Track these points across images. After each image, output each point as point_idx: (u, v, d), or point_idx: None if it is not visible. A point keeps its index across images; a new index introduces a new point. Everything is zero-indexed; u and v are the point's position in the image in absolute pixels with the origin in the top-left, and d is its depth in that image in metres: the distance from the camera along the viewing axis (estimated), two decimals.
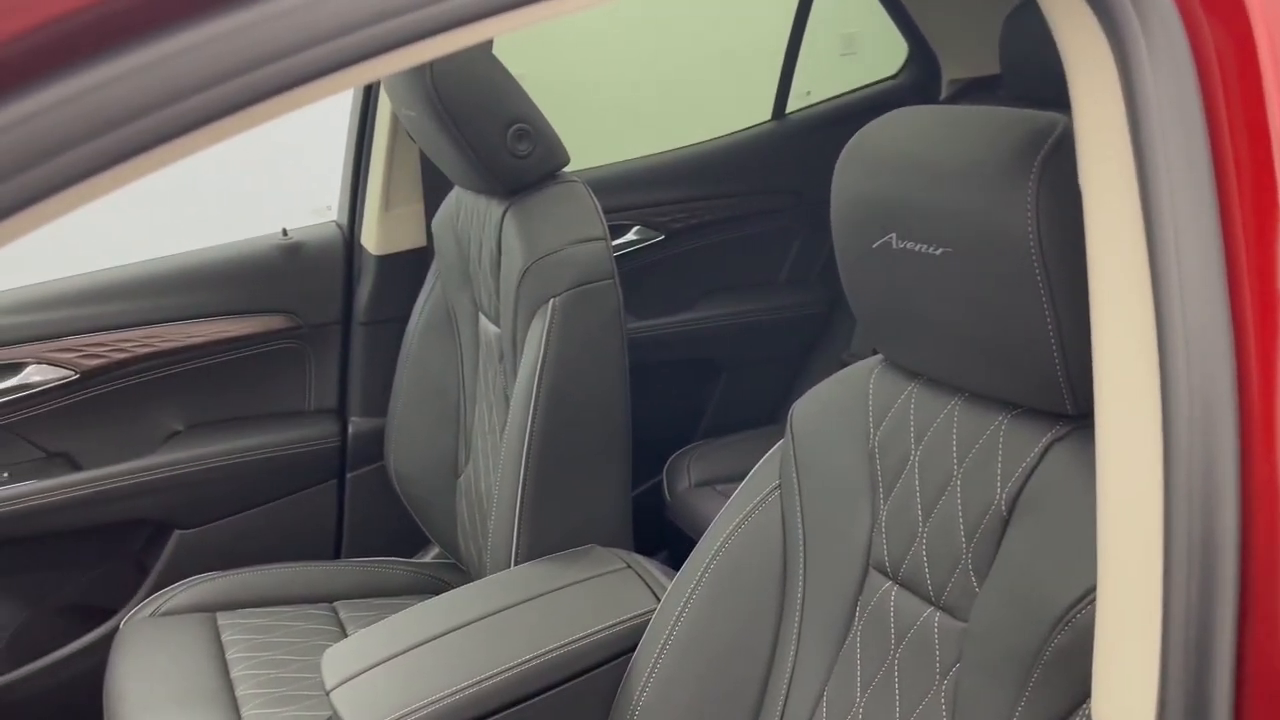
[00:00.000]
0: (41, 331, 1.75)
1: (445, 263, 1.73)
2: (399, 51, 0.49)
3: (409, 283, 1.85)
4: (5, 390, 1.75)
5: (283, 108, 0.48)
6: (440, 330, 1.77)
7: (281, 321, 1.91)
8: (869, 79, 2.40)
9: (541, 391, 1.40)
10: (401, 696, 1.17)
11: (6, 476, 1.77)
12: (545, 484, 1.42)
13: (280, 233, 1.92)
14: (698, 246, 2.24)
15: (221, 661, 1.59)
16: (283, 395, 1.96)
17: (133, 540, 1.89)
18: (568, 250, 1.43)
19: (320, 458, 1.97)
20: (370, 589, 1.81)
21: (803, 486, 1.10)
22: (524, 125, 1.44)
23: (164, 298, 1.83)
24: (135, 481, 1.83)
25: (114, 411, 1.84)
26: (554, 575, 1.37)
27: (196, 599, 1.70)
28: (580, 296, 1.42)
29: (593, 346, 1.43)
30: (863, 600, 1.04)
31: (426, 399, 1.78)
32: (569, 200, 1.48)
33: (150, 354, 1.82)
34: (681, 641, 1.15)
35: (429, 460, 1.79)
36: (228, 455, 1.89)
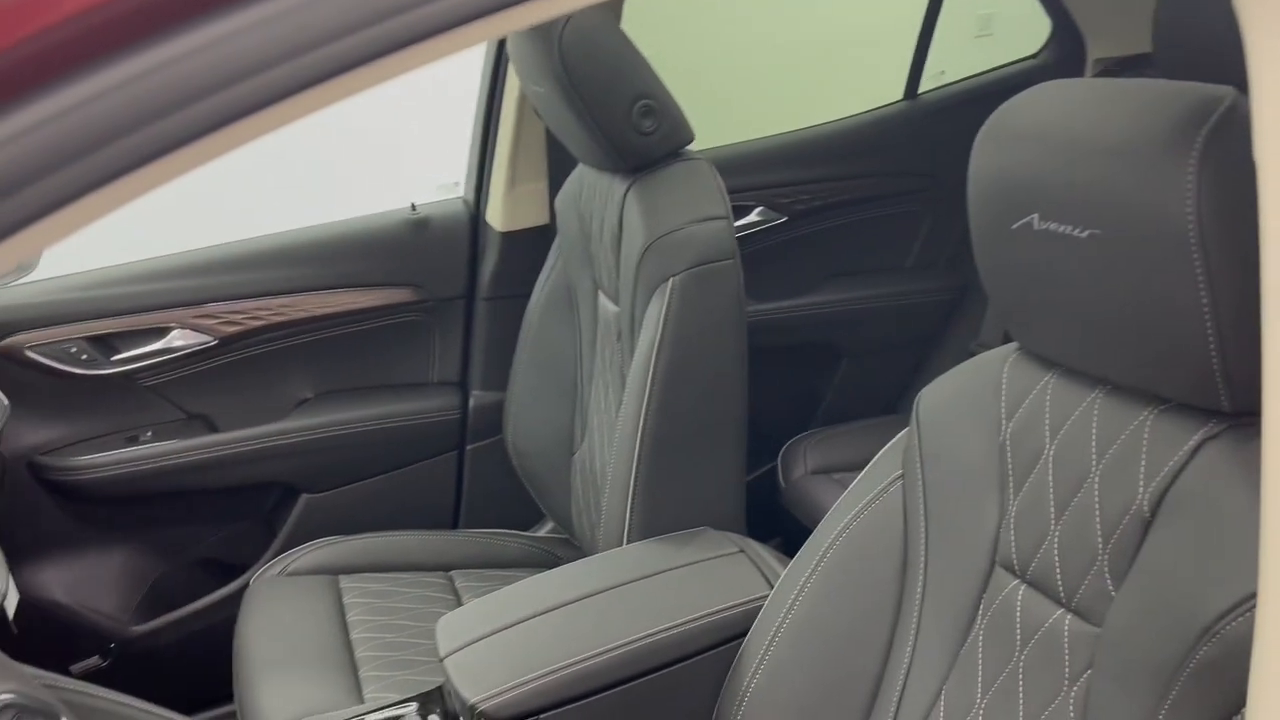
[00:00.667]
0: (185, 298, 1.83)
1: (567, 240, 1.73)
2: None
3: (532, 259, 1.86)
4: (151, 353, 1.83)
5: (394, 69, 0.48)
6: (560, 308, 1.78)
7: (408, 295, 1.95)
8: (1005, 61, 2.31)
9: (658, 371, 1.39)
10: (513, 667, 1.18)
11: (150, 435, 1.86)
12: (659, 464, 1.41)
13: (409, 207, 1.96)
14: (822, 229, 2.19)
15: (342, 623, 1.63)
16: (407, 367, 2.01)
17: (263, 501, 1.97)
18: (689, 229, 1.41)
19: (441, 429, 2.01)
20: (486, 560, 1.83)
21: (927, 477, 1.06)
22: (649, 101, 1.43)
23: (297, 269, 1.89)
24: (267, 445, 1.90)
25: (249, 377, 1.91)
26: (666, 555, 1.36)
27: (321, 561, 1.76)
28: (700, 276, 1.40)
29: (711, 327, 1.41)
30: (987, 597, 1.00)
31: (544, 375, 1.79)
32: (692, 178, 1.46)
33: (283, 323, 1.89)
34: (795, 629, 1.13)
35: (545, 436, 1.80)
36: (353, 423, 1.94)
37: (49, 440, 1.80)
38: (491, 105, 1.92)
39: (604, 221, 1.58)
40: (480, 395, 2.01)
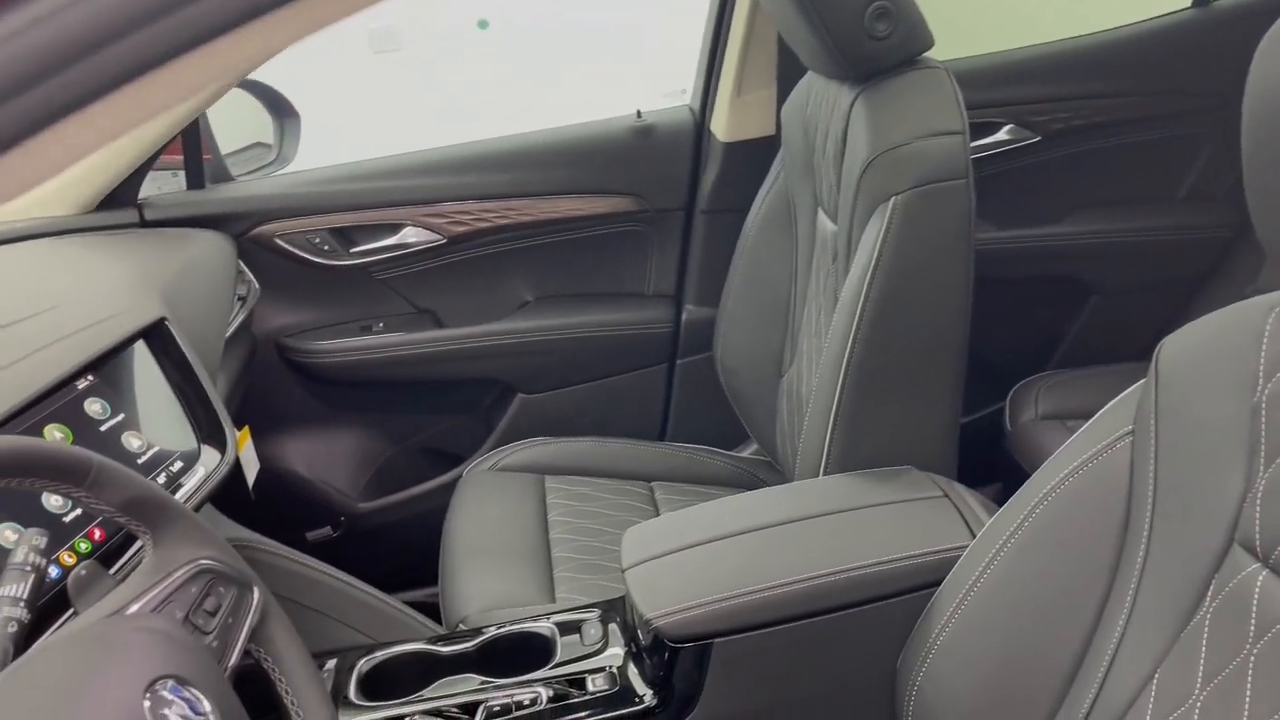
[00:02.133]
0: (419, 196, 1.90)
1: (790, 153, 1.65)
2: None
3: (754, 172, 1.79)
4: (386, 248, 1.92)
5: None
6: (778, 224, 1.71)
7: (629, 204, 1.94)
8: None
9: (871, 295, 1.30)
10: (693, 587, 1.16)
11: (382, 326, 1.97)
12: (864, 394, 1.33)
13: (634, 114, 1.93)
14: (1079, 152, 1.99)
15: (543, 521, 1.68)
16: (624, 276, 2.01)
17: (482, 398, 2.04)
18: (917, 144, 1.30)
19: (654, 341, 2.00)
20: (687, 474, 1.83)
21: (1161, 435, 0.94)
22: (885, 3, 1.31)
23: (524, 173, 1.92)
24: (487, 344, 1.96)
25: (474, 277, 1.97)
26: (864, 492, 1.29)
27: (530, 459, 1.81)
28: (926, 195, 1.29)
29: (934, 252, 1.30)
30: (1219, 579, 0.88)
31: (757, 294, 1.74)
32: (926, 88, 1.34)
33: (508, 225, 1.92)
34: (993, 584, 1.04)
35: (754, 356, 1.76)
36: (570, 329, 1.97)
37: (293, 324, 1.94)
38: (724, 10, 1.84)
39: (828, 133, 1.49)
40: (693, 310, 1.98)
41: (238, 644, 0.85)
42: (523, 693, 1.19)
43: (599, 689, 1.19)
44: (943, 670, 1.06)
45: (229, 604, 0.86)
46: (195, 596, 0.83)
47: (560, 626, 1.28)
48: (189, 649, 0.78)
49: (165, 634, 0.77)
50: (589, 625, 1.28)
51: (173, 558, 0.84)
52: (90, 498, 0.80)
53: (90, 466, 0.80)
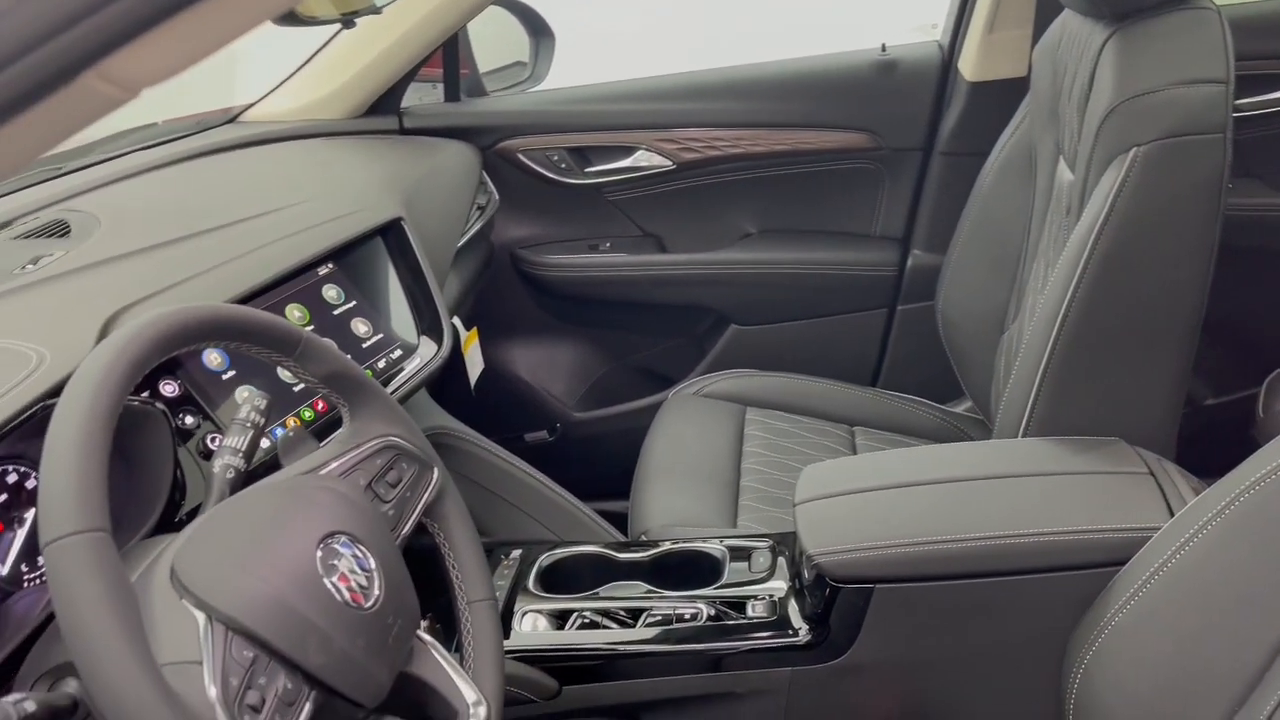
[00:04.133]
0: (652, 120, 1.94)
1: (1037, 97, 1.55)
2: None
3: (999, 115, 1.70)
4: (618, 170, 1.98)
5: None
6: (1017, 172, 1.62)
7: (863, 140, 1.89)
8: None
9: (1096, 251, 1.22)
10: (860, 530, 1.15)
11: (609, 246, 2.04)
12: (1076, 356, 1.25)
13: (879, 48, 1.87)
14: None
15: (738, 450, 1.70)
16: (851, 215, 1.97)
17: (697, 324, 2.08)
18: (1169, 91, 1.19)
19: (875, 284, 1.96)
20: (893, 423, 1.79)
21: None
22: None
23: (757, 102, 1.91)
24: (707, 272, 1.99)
25: (699, 205, 1.99)
26: (1063, 458, 1.23)
27: (734, 389, 1.83)
28: (1173, 149, 1.18)
29: (1173, 212, 1.19)
30: None
31: (987, 244, 1.66)
32: (1190, 31, 1.22)
33: (738, 155, 1.93)
34: (1182, 570, 0.97)
35: (977, 309, 1.68)
36: (790, 264, 1.96)
37: (528, 236, 2.04)
38: None
39: (1077, 75, 1.38)
40: (920, 256, 1.91)
41: (412, 515, 0.93)
42: (685, 607, 1.23)
43: (757, 615, 1.21)
44: (1113, 653, 1.01)
45: (409, 479, 0.94)
46: (380, 468, 0.92)
47: (731, 551, 1.31)
48: (365, 512, 0.86)
49: (347, 496, 0.86)
50: (759, 554, 1.30)
51: (365, 430, 0.93)
52: (298, 367, 0.89)
53: (300, 340, 0.89)
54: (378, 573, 0.82)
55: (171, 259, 1.19)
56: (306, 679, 0.74)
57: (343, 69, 1.82)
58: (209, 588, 0.72)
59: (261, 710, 0.69)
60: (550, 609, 1.25)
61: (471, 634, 0.94)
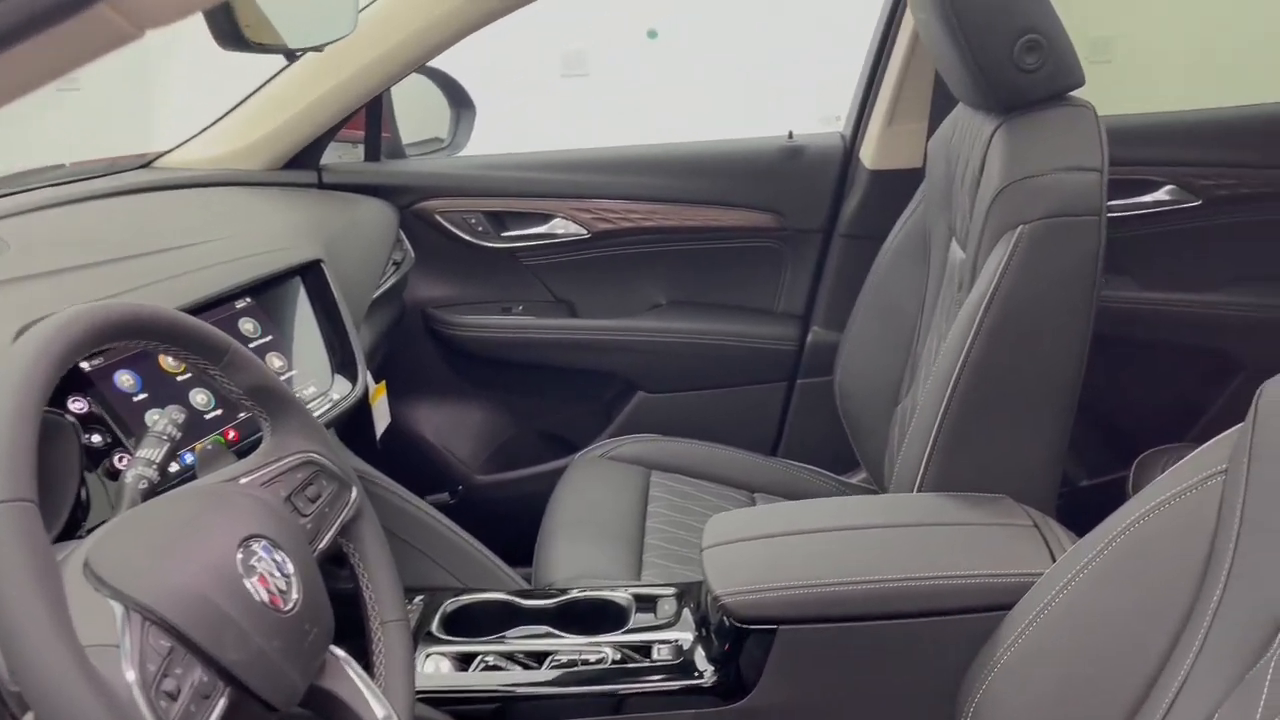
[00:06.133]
0: (570, 190, 2.00)
1: (932, 183, 1.67)
2: None
3: (896, 202, 1.81)
4: (534, 236, 2.03)
5: None
6: (912, 254, 1.72)
7: (769, 220, 1.99)
8: None
9: (985, 320, 1.31)
10: (766, 571, 1.19)
11: (521, 309, 2.07)
12: (967, 418, 1.33)
13: (786, 135, 1.98)
14: (1242, 222, 1.92)
15: (642, 510, 1.73)
16: (756, 292, 2.05)
17: (605, 390, 2.12)
18: (1052, 175, 1.30)
19: (777, 358, 2.03)
20: (792, 491, 1.84)
21: (1253, 476, 0.92)
22: (1037, 36, 1.32)
23: (670, 179, 1.99)
24: (617, 339, 2.04)
25: (611, 274, 2.05)
26: (955, 511, 1.29)
27: (639, 453, 1.86)
28: (1055, 228, 1.29)
29: (1055, 285, 1.30)
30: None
31: (883, 320, 1.75)
32: (1069, 124, 1.34)
33: (651, 228, 2.00)
34: (1063, 611, 1.03)
35: (873, 382, 1.76)
36: (697, 335, 2.02)
37: (441, 296, 2.06)
38: (885, 42, 1.88)
39: (968, 162, 1.50)
40: (820, 332, 2.00)
41: (330, 531, 0.93)
42: (590, 650, 1.24)
43: (662, 659, 1.23)
44: (1002, 692, 1.06)
45: (328, 496, 0.94)
46: (300, 482, 0.92)
47: (637, 599, 1.32)
48: (285, 521, 0.86)
49: (268, 504, 0.86)
50: (664, 602, 1.32)
51: (286, 445, 0.93)
52: (223, 376, 0.90)
53: (228, 348, 0.90)
54: (296, 579, 0.82)
55: (83, 282, 1.18)
56: (221, 674, 0.73)
57: (263, 122, 1.84)
58: (126, 579, 0.71)
59: (177, 699, 0.68)
60: (454, 652, 1.24)
61: (383, 654, 0.94)
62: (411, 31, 1.77)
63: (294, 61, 1.54)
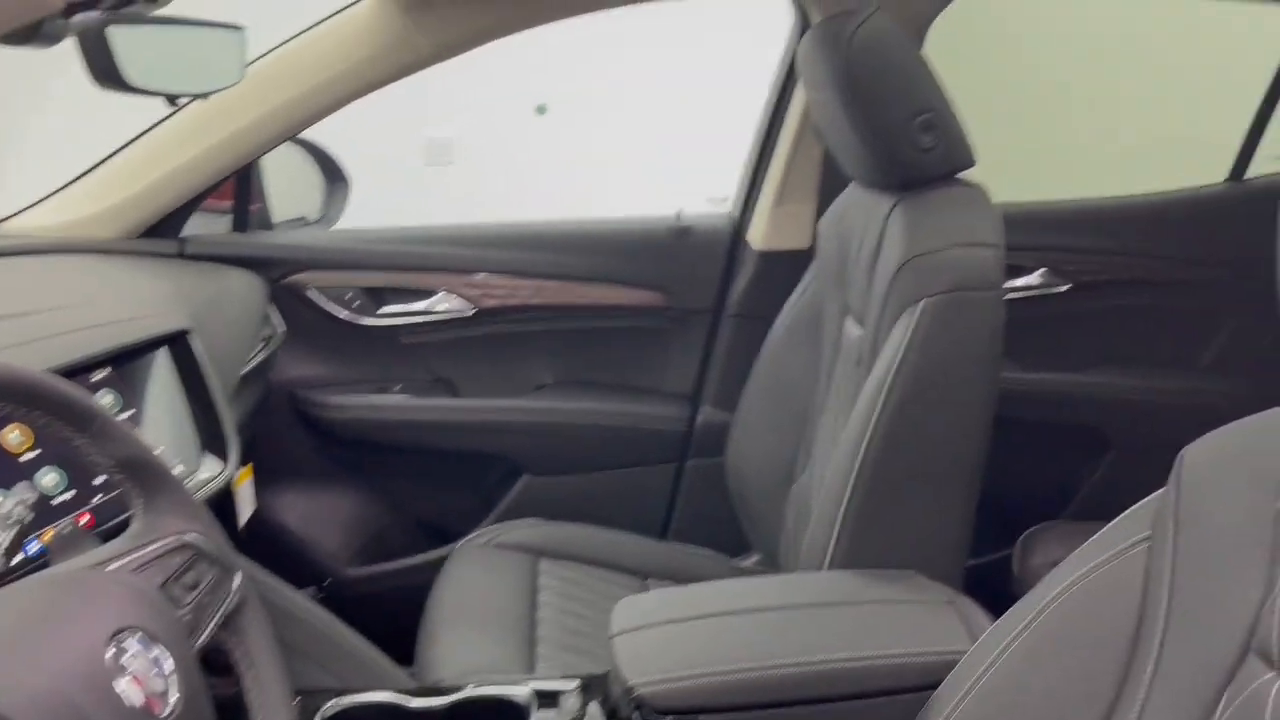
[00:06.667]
0: (455, 265, 1.93)
1: (823, 263, 1.68)
2: None
3: (785, 283, 1.82)
4: (415, 312, 1.94)
5: None
6: (804, 333, 1.72)
7: (657, 299, 1.96)
8: None
9: (891, 395, 1.30)
10: (682, 658, 1.12)
11: (399, 389, 1.97)
12: (874, 494, 1.31)
13: (674, 215, 1.97)
14: (1110, 306, 2.01)
15: (532, 600, 1.63)
16: (644, 371, 2.01)
17: (487, 474, 2.02)
18: (952, 251, 1.32)
19: (666, 439, 1.99)
20: (684, 575, 1.78)
21: (1179, 543, 0.92)
22: (932, 116, 1.35)
23: (559, 255, 1.95)
24: (501, 420, 1.96)
25: (496, 352, 1.98)
26: (866, 588, 1.26)
27: (526, 540, 1.77)
28: (956, 302, 1.30)
29: (959, 359, 1.30)
30: (1231, 690, 0.84)
31: (776, 400, 1.74)
32: (965, 202, 1.37)
33: (538, 305, 1.94)
34: (992, 689, 0.99)
35: (766, 462, 1.74)
36: (584, 415, 1.96)
37: (311, 376, 1.94)
38: (773, 124, 1.91)
39: (864, 240, 1.51)
40: (710, 413, 1.98)
41: (210, 624, 0.82)
42: None
43: None
44: None
45: (209, 584, 0.83)
46: (176, 568, 0.81)
47: (538, 695, 1.23)
48: (162, 611, 0.75)
49: (142, 592, 0.75)
50: (568, 697, 1.23)
51: (160, 525, 0.82)
52: (92, 446, 0.79)
53: (97, 416, 0.79)
54: (175, 678, 0.71)
55: None
56: None
57: (119, 187, 1.71)
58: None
59: None
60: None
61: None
62: (288, 97, 1.69)
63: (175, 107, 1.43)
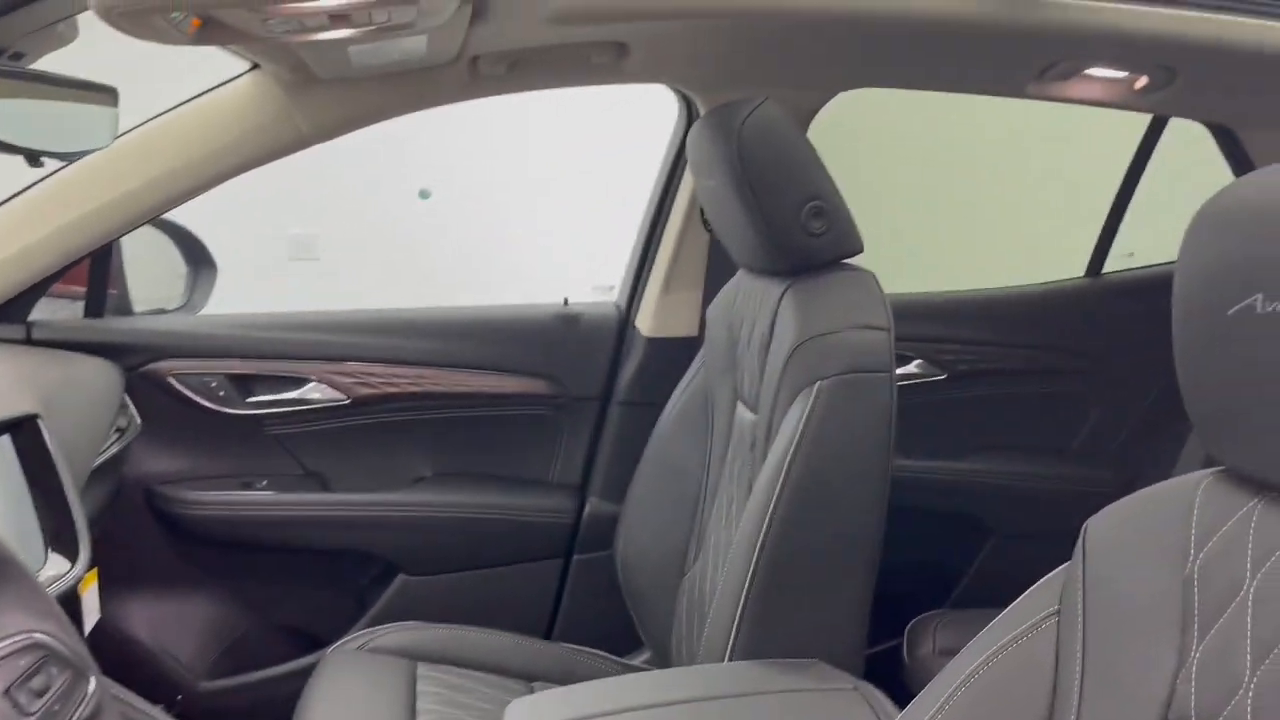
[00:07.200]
0: (329, 352, 1.84)
1: (713, 349, 1.67)
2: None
3: (673, 370, 1.80)
4: (285, 401, 1.84)
5: None
6: (694, 420, 1.70)
7: (544, 387, 1.92)
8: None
9: (790, 478, 1.28)
10: None
11: (265, 484, 1.85)
12: (775, 582, 1.28)
13: (561, 302, 1.95)
14: (983, 394, 2.07)
15: (410, 710, 1.52)
16: (529, 461, 1.95)
17: (360, 573, 1.91)
18: (845, 333, 1.33)
19: (552, 533, 1.92)
20: (573, 677, 1.70)
21: (1089, 614, 0.91)
22: (821, 203, 1.38)
23: (441, 343, 1.89)
24: (375, 515, 1.85)
25: (372, 444, 1.89)
26: (770, 678, 1.22)
27: (403, 644, 1.67)
28: (851, 384, 1.30)
29: (855, 440, 1.30)
30: None
31: (666, 488, 1.70)
32: (855, 286, 1.39)
33: (417, 394, 1.87)
34: None
35: (657, 553, 1.69)
36: (464, 509, 1.88)
37: (168, 470, 1.81)
38: (660, 212, 1.92)
39: (755, 325, 1.51)
40: (597, 504, 1.92)
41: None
42: None
43: None
44: None
45: (60, 689, 0.73)
46: (24, 670, 0.71)
47: None
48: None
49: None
50: None
51: (5, 623, 0.72)
52: None
53: None
54: None
55: None
56: None
57: None
58: None
59: None
60: None
61: None
62: (155, 174, 1.61)
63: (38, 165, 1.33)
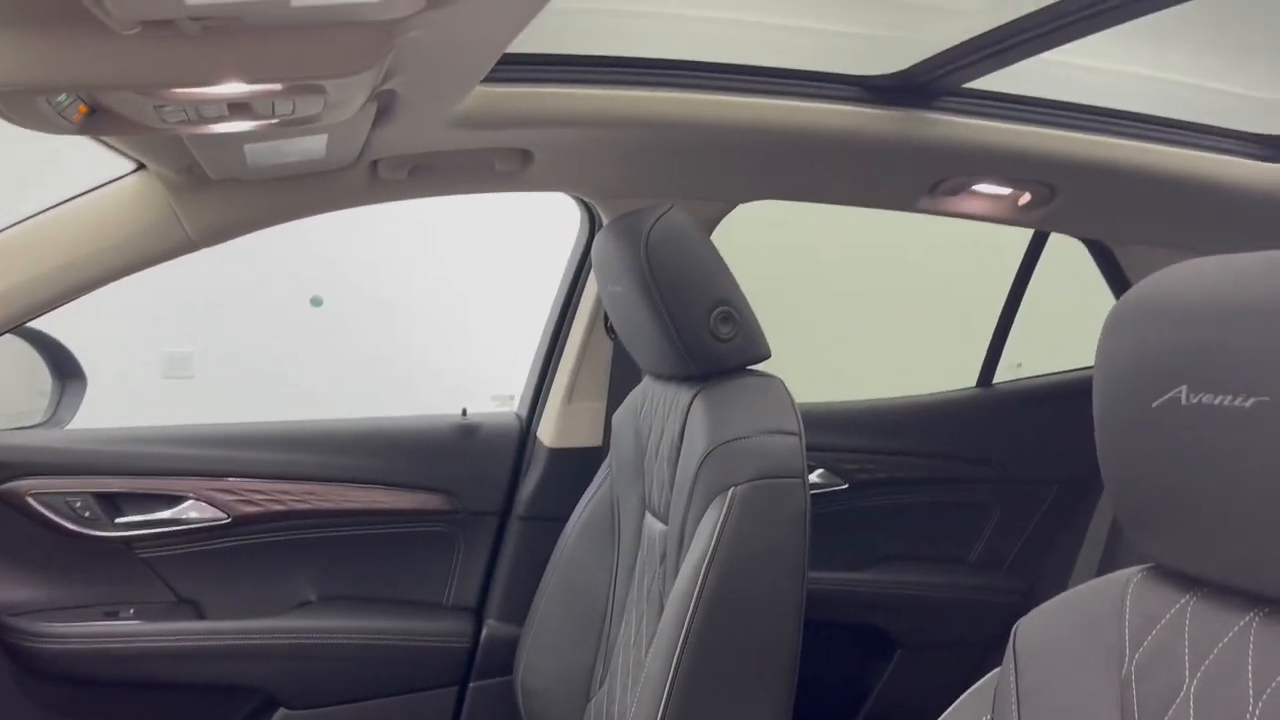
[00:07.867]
0: (207, 468, 1.73)
1: (619, 458, 1.63)
2: None
3: (577, 482, 1.75)
4: (158, 522, 1.70)
5: None
6: (599, 532, 1.64)
7: (440, 502, 1.83)
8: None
9: (706, 588, 1.23)
10: None
11: (132, 613, 1.70)
12: (694, 698, 1.22)
13: (460, 412, 1.88)
14: (883, 504, 2.06)
15: None
16: (423, 582, 1.85)
17: (235, 710, 1.75)
18: (758, 438, 1.30)
19: (446, 658, 1.81)
20: None
21: (1025, 716, 0.88)
22: (729, 309, 1.37)
23: (329, 456, 1.80)
24: (254, 644, 1.71)
25: (253, 566, 1.76)
26: None
27: None
28: (765, 489, 1.27)
29: (772, 547, 1.27)
30: None
31: (570, 606, 1.62)
32: (765, 392, 1.38)
33: (304, 511, 1.76)
34: None
35: (561, 676, 1.60)
36: (352, 634, 1.76)
37: (23, 601, 1.64)
38: (563, 319, 1.89)
39: (664, 432, 1.48)
40: (495, 626, 1.82)
41: None
42: None
43: None
44: None
45: None
46: None
47: None
48: None
49: None
50: None
51: None
52: None
53: None
54: None
55: None
56: None
57: None
58: None
59: None
60: None
61: None
62: (23, 278, 1.51)
63: None
